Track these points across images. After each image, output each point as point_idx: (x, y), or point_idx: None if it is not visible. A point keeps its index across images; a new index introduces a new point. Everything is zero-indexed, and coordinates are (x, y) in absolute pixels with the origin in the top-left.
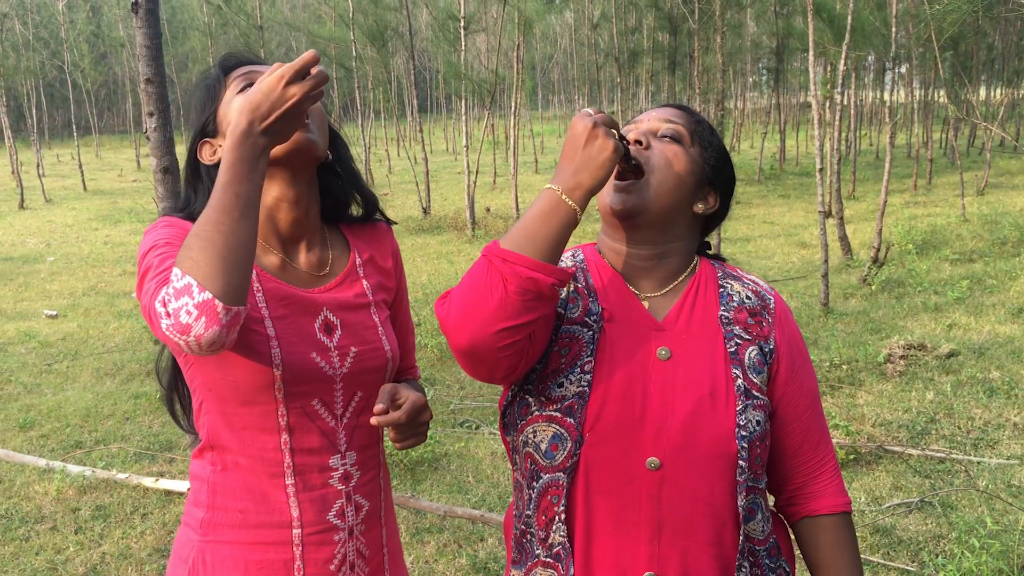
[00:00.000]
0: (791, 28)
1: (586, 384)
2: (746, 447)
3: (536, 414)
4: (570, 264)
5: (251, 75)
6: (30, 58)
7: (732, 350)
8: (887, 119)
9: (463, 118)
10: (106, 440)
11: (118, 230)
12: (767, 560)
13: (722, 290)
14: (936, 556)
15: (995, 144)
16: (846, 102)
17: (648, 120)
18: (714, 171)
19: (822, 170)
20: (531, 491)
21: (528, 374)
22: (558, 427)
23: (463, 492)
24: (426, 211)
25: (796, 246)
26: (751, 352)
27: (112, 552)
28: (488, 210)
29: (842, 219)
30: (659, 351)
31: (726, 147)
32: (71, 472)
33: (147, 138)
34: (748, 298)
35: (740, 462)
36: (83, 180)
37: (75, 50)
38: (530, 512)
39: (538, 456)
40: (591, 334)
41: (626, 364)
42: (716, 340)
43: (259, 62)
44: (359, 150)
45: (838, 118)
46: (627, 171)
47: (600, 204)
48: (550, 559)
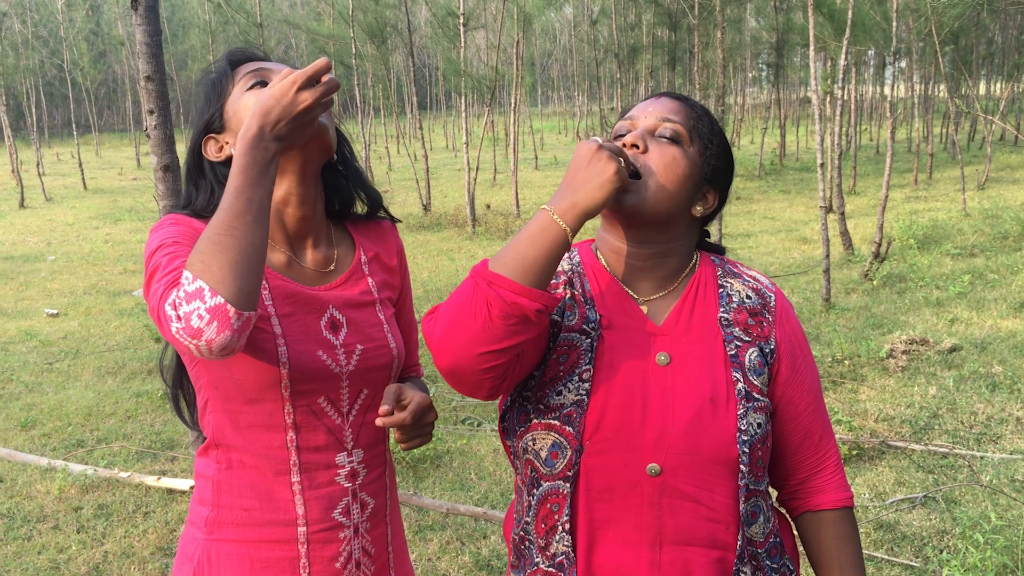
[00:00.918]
0: (791, 23)
1: (584, 393)
2: (747, 451)
3: (535, 422)
4: (566, 267)
5: (260, 72)
6: (29, 57)
7: (732, 353)
8: (888, 114)
9: (463, 115)
10: (108, 439)
11: (118, 228)
12: (768, 561)
13: (721, 290)
14: (940, 551)
15: (995, 138)
16: (846, 97)
17: (645, 116)
18: (714, 171)
19: (823, 165)
20: (531, 498)
21: (526, 381)
22: (557, 435)
23: (465, 489)
24: (426, 208)
25: (797, 241)
26: (751, 354)
27: (114, 551)
28: (488, 207)
29: (843, 214)
30: (658, 357)
31: (727, 139)
32: (73, 471)
33: (147, 136)
34: (748, 297)
35: (741, 467)
36: (83, 179)
37: (74, 48)
38: (529, 519)
39: (538, 464)
40: (589, 342)
41: (625, 371)
42: (716, 343)
43: (266, 58)
44: (359, 147)
45: (839, 113)
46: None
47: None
48: (552, 568)
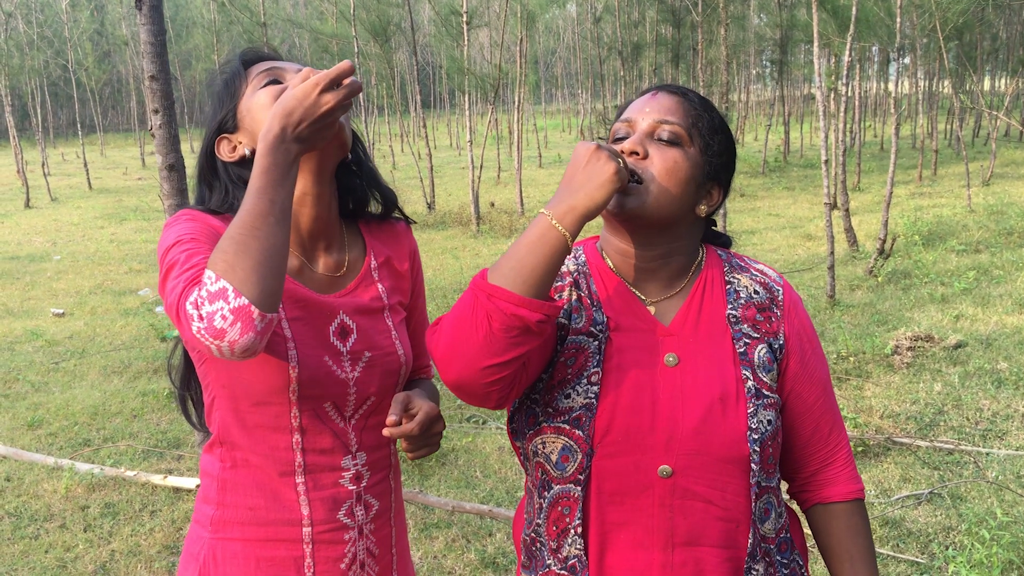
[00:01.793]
0: (795, 20)
1: (593, 396)
2: (758, 449)
3: (544, 425)
4: (572, 267)
5: (274, 71)
6: (34, 57)
7: (741, 350)
8: (892, 110)
9: (466, 113)
10: (114, 438)
11: (124, 228)
12: (779, 556)
13: (729, 287)
14: (946, 548)
15: (1000, 134)
16: (850, 94)
17: (643, 118)
18: (717, 168)
19: (827, 162)
20: (542, 500)
21: (534, 383)
22: (567, 439)
23: (471, 487)
24: (431, 207)
25: (801, 238)
26: (760, 350)
27: (121, 550)
28: (492, 205)
29: (847, 211)
30: (667, 357)
31: (730, 131)
32: (79, 470)
33: (152, 135)
34: (756, 292)
35: (752, 465)
36: (88, 178)
37: (79, 49)
38: (540, 521)
39: (549, 467)
40: (597, 344)
41: (634, 373)
42: (724, 341)
43: (278, 57)
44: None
45: (843, 110)
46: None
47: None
48: (564, 571)
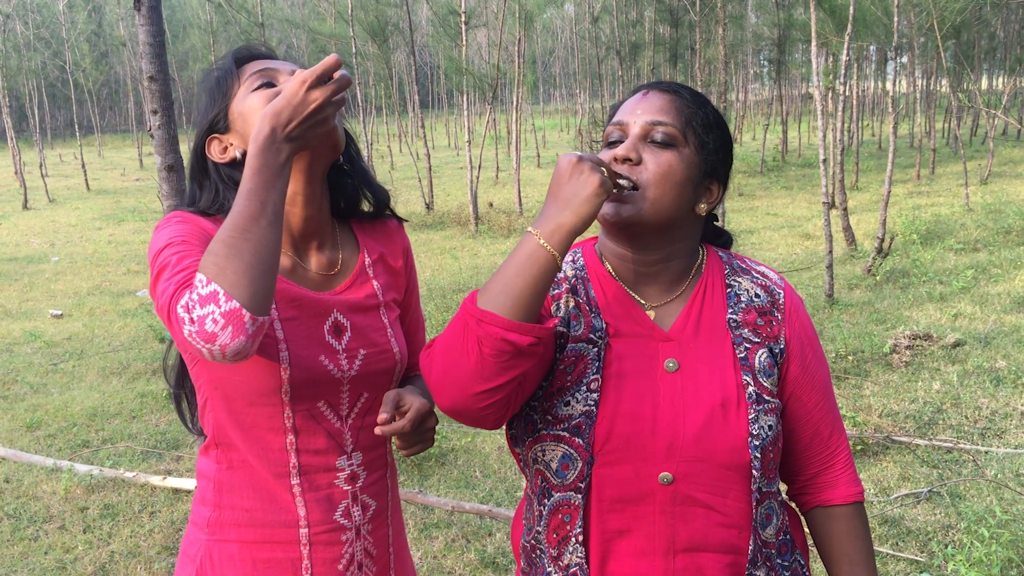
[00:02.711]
0: (792, 19)
1: (592, 403)
2: (759, 456)
3: (543, 433)
4: (570, 273)
5: (267, 72)
6: (32, 58)
7: (742, 355)
8: (890, 109)
9: (465, 113)
10: (113, 439)
11: (122, 229)
12: (779, 559)
13: (730, 290)
14: (945, 546)
15: (998, 133)
16: (848, 93)
17: (635, 120)
18: (714, 165)
19: (825, 161)
20: (541, 507)
21: (536, 390)
22: (567, 447)
23: (470, 487)
24: (429, 207)
25: (800, 237)
26: (761, 355)
27: (121, 551)
28: (491, 205)
29: (846, 210)
30: (667, 363)
31: (725, 124)
32: (79, 471)
33: (151, 136)
34: (757, 296)
35: (753, 471)
36: (86, 180)
37: (76, 50)
38: (540, 529)
39: (549, 474)
40: (596, 351)
41: (634, 380)
42: (725, 346)
43: (272, 55)
44: (361, 147)
45: (841, 109)
46: (619, 187)
47: (600, 213)
48: None
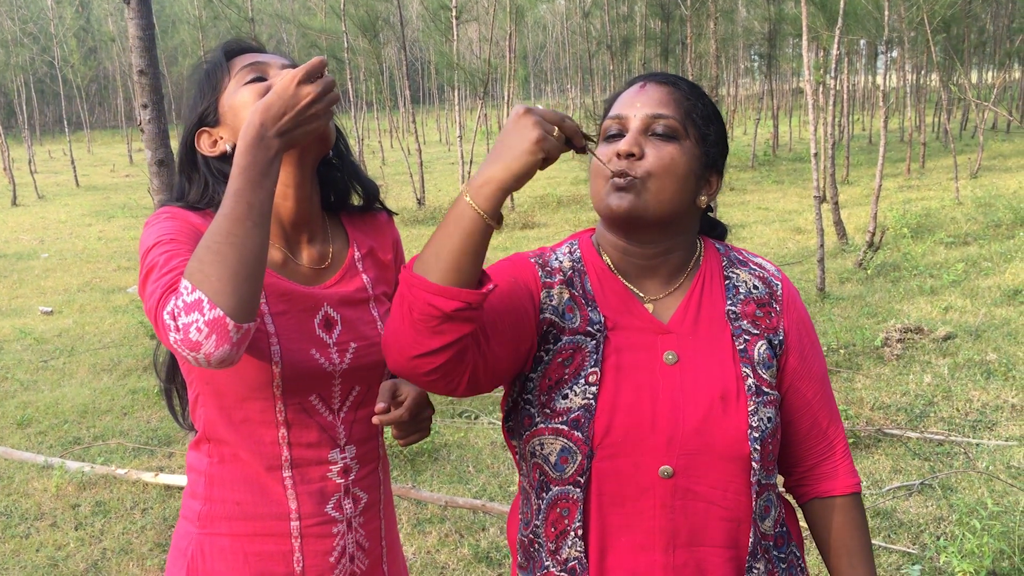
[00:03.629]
0: (783, 13)
1: (591, 396)
2: (759, 448)
3: (541, 426)
4: (567, 265)
5: (258, 67)
6: (19, 54)
7: (741, 347)
8: (880, 103)
9: (456, 108)
10: (104, 436)
11: (112, 225)
12: (775, 552)
13: (728, 282)
14: (937, 538)
15: (987, 127)
16: (838, 87)
17: (634, 113)
18: (714, 157)
19: (816, 155)
20: (540, 501)
21: (525, 383)
22: (566, 440)
23: (463, 482)
24: (420, 202)
25: (791, 231)
26: (760, 347)
27: (113, 547)
28: None
29: (837, 204)
30: (666, 356)
31: (720, 115)
32: (70, 468)
33: (141, 131)
34: (755, 288)
35: (753, 463)
36: (75, 176)
37: (64, 45)
38: (538, 523)
39: (547, 468)
40: (594, 343)
41: (632, 373)
42: (724, 338)
43: (262, 49)
44: (352, 142)
45: (832, 103)
46: (590, 146)
47: (597, 205)
48: (564, 573)
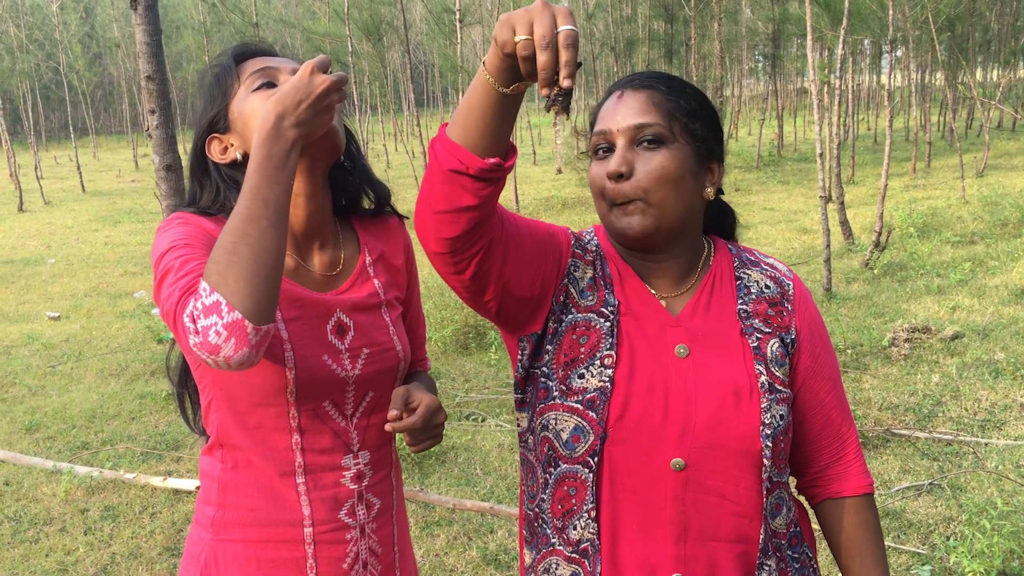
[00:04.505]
0: (787, 14)
1: (607, 380)
2: (770, 445)
3: (557, 402)
4: (592, 247)
5: (268, 72)
6: (25, 60)
7: (754, 345)
8: (886, 103)
9: None
10: (112, 440)
11: (118, 230)
12: (789, 551)
13: (739, 282)
14: (947, 539)
15: (993, 125)
16: (843, 87)
17: (616, 127)
18: (709, 149)
19: (822, 155)
20: (547, 475)
21: (538, 353)
22: (580, 419)
23: (471, 485)
24: None
25: (797, 232)
26: (773, 345)
27: (122, 552)
28: None
29: (843, 204)
30: (677, 349)
31: (706, 99)
32: (78, 473)
33: (148, 136)
34: (767, 287)
35: (764, 460)
36: (81, 181)
37: (70, 51)
38: (544, 497)
39: (558, 444)
40: (609, 326)
41: (646, 361)
42: (736, 335)
43: (272, 52)
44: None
45: (837, 103)
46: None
47: (607, 228)
48: (576, 555)
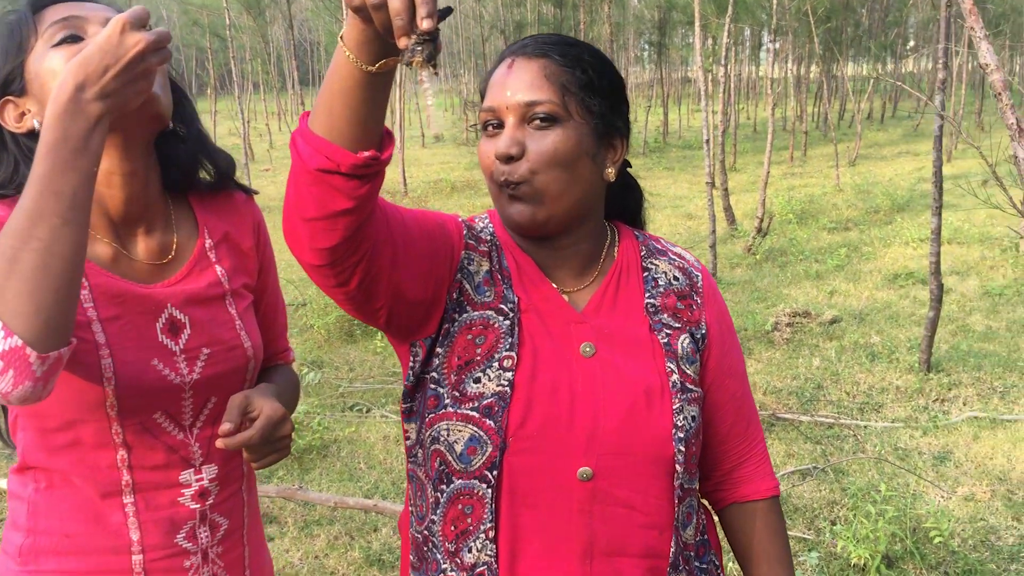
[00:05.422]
0: (673, 2)
1: (507, 383)
2: (683, 449)
3: (449, 410)
4: (487, 236)
5: (72, 22)
6: None
7: (664, 341)
8: (768, 91)
9: None
10: None
11: None
12: (697, 562)
13: (646, 273)
14: (832, 523)
15: (864, 117)
16: (727, 76)
17: (506, 103)
18: (608, 124)
19: (708, 141)
20: (438, 494)
21: (430, 357)
22: (476, 428)
23: (354, 480)
24: None
25: (682, 217)
26: (683, 341)
27: None
28: None
29: (726, 190)
30: (582, 347)
31: (608, 65)
32: None
33: None
34: (676, 279)
35: (676, 466)
36: None
37: None
38: (435, 518)
39: (451, 457)
40: (509, 324)
41: (549, 362)
42: (644, 332)
43: None
44: (237, 124)
45: (721, 91)
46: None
47: (500, 215)
48: None
